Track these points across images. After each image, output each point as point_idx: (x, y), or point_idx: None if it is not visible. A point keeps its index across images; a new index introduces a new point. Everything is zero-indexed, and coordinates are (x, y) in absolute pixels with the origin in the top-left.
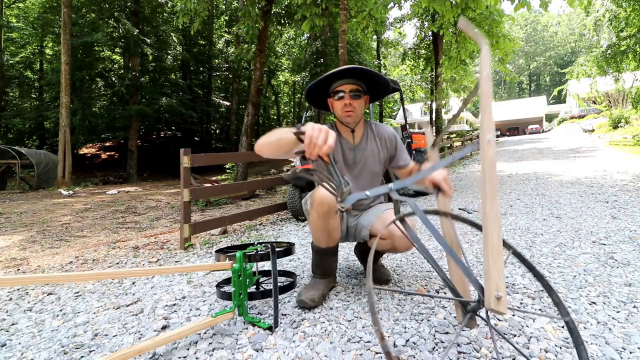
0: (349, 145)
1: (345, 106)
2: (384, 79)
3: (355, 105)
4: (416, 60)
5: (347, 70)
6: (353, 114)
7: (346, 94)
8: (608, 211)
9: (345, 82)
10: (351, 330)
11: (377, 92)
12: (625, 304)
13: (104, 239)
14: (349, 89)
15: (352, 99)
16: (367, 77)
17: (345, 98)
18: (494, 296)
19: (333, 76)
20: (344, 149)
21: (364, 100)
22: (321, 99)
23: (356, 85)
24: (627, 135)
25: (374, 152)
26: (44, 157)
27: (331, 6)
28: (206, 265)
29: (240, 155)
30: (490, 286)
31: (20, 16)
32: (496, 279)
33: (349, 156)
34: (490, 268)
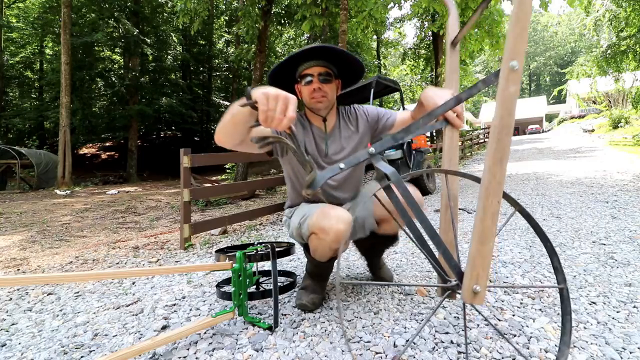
0: (322, 135)
1: (314, 91)
2: (356, 59)
3: (326, 90)
4: (416, 60)
5: (313, 50)
6: (324, 99)
7: (314, 78)
8: (608, 211)
9: (313, 65)
10: (351, 330)
11: (350, 76)
12: (625, 304)
13: (104, 239)
14: (318, 72)
15: (322, 83)
16: (338, 59)
17: (314, 82)
18: (472, 289)
19: (298, 58)
20: (316, 140)
21: (335, 84)
22: (288, 86)
23: (325, 67)
24: (627, 135)
25: (351, 138)
26: (44, 157)
27: (331, 6)
28: (206, 265)
29: (240, 155)
30: (470, 276)
31: (20, 16)
32: (479, 269)
33: (322, 147)
34: (475, 255)
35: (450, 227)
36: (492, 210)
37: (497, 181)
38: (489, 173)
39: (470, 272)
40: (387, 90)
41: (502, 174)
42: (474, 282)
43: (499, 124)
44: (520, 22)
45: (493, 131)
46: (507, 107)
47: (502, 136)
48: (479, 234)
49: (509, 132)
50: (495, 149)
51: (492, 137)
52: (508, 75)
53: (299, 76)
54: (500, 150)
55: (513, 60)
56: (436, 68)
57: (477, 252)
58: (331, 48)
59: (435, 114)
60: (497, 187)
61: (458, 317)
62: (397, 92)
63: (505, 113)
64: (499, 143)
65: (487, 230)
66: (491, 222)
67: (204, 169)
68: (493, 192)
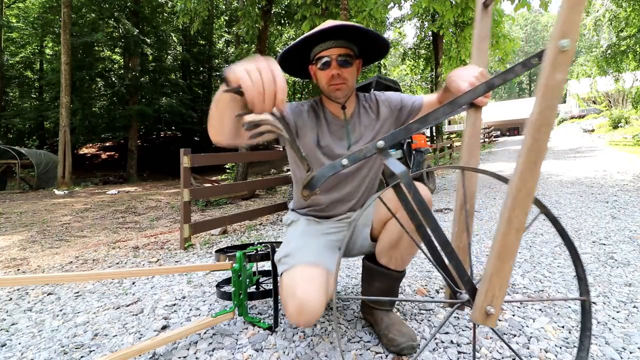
0: (340, 123)
1: (332, 77)
2: (380, 36)
3: (346, 75)
4: (416, 60)
5: (332, 30)
6: (344, 87)
7: (333, 61)
8: (608, 211)
9: (331, 46)
10: (351, 330)
11: (372, 54)
12: (625, 304)
13: (104, 239)
14: (337, 54)
15: (341, 67)
16: (358, 36)
17: (332, 67)
18: (484, 310)
19: (313, 38)
20: (331, 130)
21: (355, 67)
22: (300, 65)
23: (345, 48)
24: (627, 135)
25: (371, 125)
26: (44, 157)
27: (331, 6)
28: (206, 265)
29: (240, 155)
30: (484, 296)
31: (20, 16)
32: (495, 289)
33: (342, 135)
34: (492, 273)
35: (464, 230)
36: (518, 224)
37: (528, 190)
38: (519, 179)
39: (486, 291)
40: (387, 90)
41: (534, 181)
42: (488, 302)
43: (537, 119)
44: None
45: (529, 128)
46: (549, 99)
47: (540, 135)
48: (499, 249)
49: (548, 129)
50: (529, 149)
51: (528, 134)
52: (555, 57)
53: (314, 58)
54: (536, 151)
55: (564, 38)
56: (436, 68)
57: (496, 269)
58: (354, 27)
59: (459, 103)
60: (527, 196)
61: (458, 317)
62: (397, 92)
63: (546, 106)
64: (535, 143)
65: (509, 246)
66: (515, 238)
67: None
68: (521, 202)
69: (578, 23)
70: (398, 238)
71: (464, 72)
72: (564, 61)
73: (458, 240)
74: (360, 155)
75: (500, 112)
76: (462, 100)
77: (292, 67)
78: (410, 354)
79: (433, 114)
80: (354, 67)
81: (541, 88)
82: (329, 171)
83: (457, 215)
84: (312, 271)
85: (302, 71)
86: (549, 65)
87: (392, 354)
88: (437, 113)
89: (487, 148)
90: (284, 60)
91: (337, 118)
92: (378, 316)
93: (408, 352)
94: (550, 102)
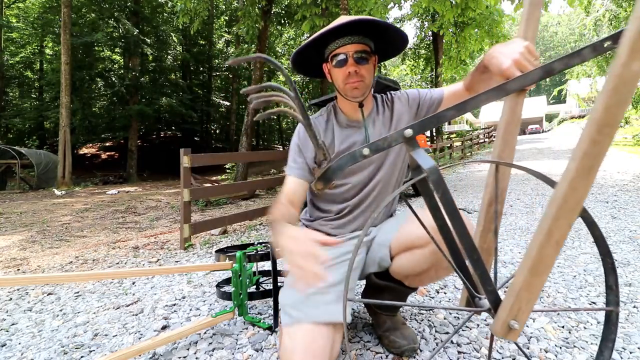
0: (357, 124)
1: (349, 76)
2: (399, 30)
3: (363, 72)
4: (416, 60)
5: (349, 26)
6: (361, 84)
7: (349, 58)
8: (608, 211)
9: (347, 42)
10: (351, 331)
11: (388, 49)
12: (625, 304)
13: (104, 239)
14: (353, 51)
15: (358, 64)
16: (375, 30)
17: (349, 64)
18: (507, 324)
19: (328, 34)
20: (348, 133)
21: (372, 63)
22: (313, 63)
23: (362, 44)
24: (627, 135)
25: (387, 124)
26: (44, 157)
27: (331, 6)
28: (206, 265)
29: (240, 155)
30: (509, 310)
31: (20, 16)
32: (522, 303)
33: (360, 136)
34: (521, 287)
35: (491, 229)
36: (559, 236)
37: (577, 199)
38: (569, 187)
39: (511, 305)
40: (387, 90)
41: (586, 190)
42: (512, 317)
43: (601, 118)
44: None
45: (589, 127)
46: (621, 93)
47: (601, 137)
48: (533, 263)
49: (612, 131)
50: (585, 154)
51: (586, 135)
52: (635, 43)
53: (329, 56)
54: (594, 156)
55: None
56: (436, 68)
57: (526, 284)
58: (373, 22)
59: (507, 90)
60: (575, 206)
61: (458, 317)
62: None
63: (616, 101)
64: (595, 146)
65: (546, 261)
66: (553, 251)
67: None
68: (568, 212)
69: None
70: (428, 268)
71: (506, 48)
72: (628, 82)
73: (482, 241)
74: (384, 144)
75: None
76: (511, 86)
77: (305, 65)
78: (410, 356)
79: (474, 100)
80: (371, 64)
81: (613, 79)
82: (348, 161)
83: (483, 213)
84: (316, 337)
85: (316, 69)
86: (627, 50)
87: (393, 354)
88: (477, 100)
89: (487, 148)
90: (298, 58)
91: (354, 120)
92: (381, 318)
93: (409, 354)
94: (622, 97)
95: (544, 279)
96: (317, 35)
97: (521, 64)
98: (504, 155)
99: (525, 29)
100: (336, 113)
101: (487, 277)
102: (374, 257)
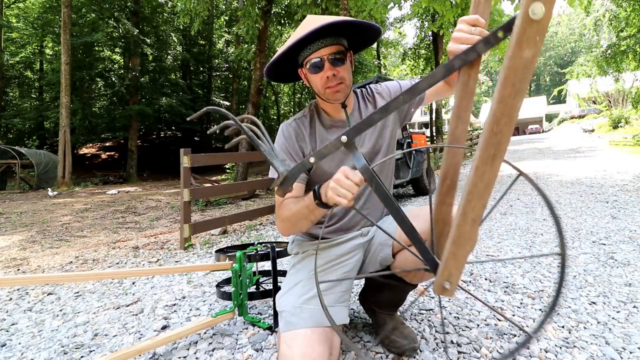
0: (341, 124)
1: (328, 80)
2: (369, 24)
3: (343, 73)
4: (416, 60)
5: (319, 30)
6: (342, 86)
7: (325, 62)
8: (608, 211)
9: (320, 46)
10: (351, 331)
11: (361, 41)
12: (625, 304)
13: (104, 239)
14: (328, 54)
15: (335, 67)
16: (347, 28)
17: (326, 68)
18: (442, 285)
19: (301, 41)
20: (329, 131)
21: (349, 60)
22: (287, 69)
23: (336, 45)
24: (627, 135)
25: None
26: (44, 157)
27: (331, 6)
28: (206, 265)
29: (240, 155)
30: (441, 274)
31: (20, 16)
32: (452, 269)
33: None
34: (447, 257)
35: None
36: (474, 216)
37: (485, 184)
38: (475, 174)
39: (443, 270)
40: None
41: (493, 175)
42: (446, 279)
43: (497, 109)
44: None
45: (489, 118)
46: (515, 83)
47: (499, 127)
48: (454, 237)
49: (510, 121)
50: (487, 143)
51: (487, 126)
52: (525, 28)
53: (303, 61)
54: (495, 145)
55: (536, 1)
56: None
57: (452, 254)
58: (344, 22)
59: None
60: (484, 190)
61: (458, 317)
62: None
63: (510, 92)
64: (494, 136)
65: (465, 235)
66: (471, 228)
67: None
68: (478, 195)
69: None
70: None
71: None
72: (535, 33)
73: (438, 212)
74: (326, 151)
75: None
76: (455, 63)
77: (282, 73)
78: (411, 355)
79: (424, 81)
80: (348, 62)
81: (504, 70)
82: (300, 170)
83: (439, 187)
84: (314, 344)
85: (291, 75)
86: (516, 38)
87: (393, 354)
88: (427, 81)
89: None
90: (273, 69)
91: (337, 120)
92: (381, 318)
93: (410, 353)
94: (515, 88)
95: (468, 250)
96: (291, 44)
97: (460, 39)
98: (458, 131)
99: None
100: (319, 114)
101: (425, 249)
102: (375, 256)
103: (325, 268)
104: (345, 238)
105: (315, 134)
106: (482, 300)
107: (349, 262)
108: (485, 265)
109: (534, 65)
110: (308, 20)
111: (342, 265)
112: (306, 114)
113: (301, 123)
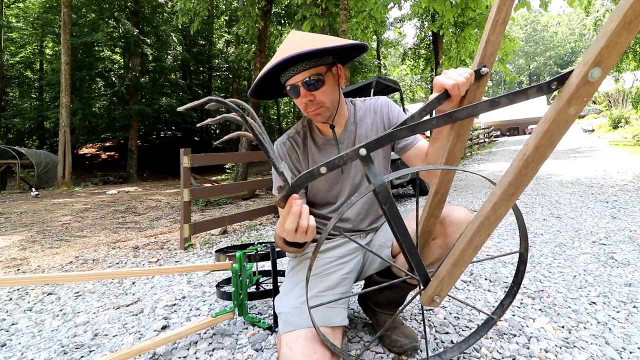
0: (329, 140)
1: (307, 105)
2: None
3: (321, 97)
4: (416, 60)
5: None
6: (322, 110)
7: (300, 88)
8: (608, 211)
9: (293, 73)
10: (351, 331)
11: (350, 49)
12: (625, 304)
13: (104, 239)
14: (302, 80)
15: (312, 92)
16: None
17: (302, 95)
18: (432, 298)
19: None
20: (326, 153)
21: (332, 78)
22: (275, 87)
23: (311, 69)
24: (627, 135)
25: (364, 136)
26: (44, 157)
27: (331, 6)
28: (206, 266)
29: (240, 155)
30: (433, 289)
31: (20, 16)
32: (444, 285)
33: (332, 155)
34: (444, 275)
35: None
36: (479, 242)
37: (497, 218)
38: (493, 208)
39: (436, 286)
40: (387, 90)
41: (505, 212)
42: (436, 293)
43: (530, 155)
44: (626, 17)
45: (518, 160)
46: (552, 134)
47: (527, 171)
48: (456, 259)
49: (537, 167)
50: (511, 184)
51: (514, 167)
52: (579, 88)
53: (284, 85)
54: (516, 185)
55: (597, 66)
56: (436, 68)
57: (449, 273)
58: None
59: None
60: (495, 222)
61: (458, 317)
62: (397, 92)
63: (545, 142)
64: (519, 178)
65: (466, 258)
66: (472, 253)
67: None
68: (488, 227)
69: (622, 50)
70: (432, 263)
71: (450, 71)
72: (586, 94)
73: (425, 224)
74: (340, 162)
75: (500, 112)
76: (460, 114)
77: (269, 91)
78: (412, 355)
79: (425, 123)
80: (329, 83)
81: (547, 121)
82: (307, 179)
83: (429, 201)
84: (314, 345)
85: (277, 93)
86: (568, 95)
87: (394, 354)
88: (428, 124)
89: (487, 148)
90: (257, 91)
91: (330, 138)
92: (381, 318)
93: (411, 352)
94: (553, 139)
95: (463, 270)
96: (264, 72)
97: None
98: (455, 149)
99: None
100: (312, 130)
101: (421, 265)
102: (375, 258)
103: (325, 269)
104: (345, 239)
105: (308, 153)
106: (452, 296)
107: (348, 264)
108: (485, 266)
109: (574, 122)
110: (288, 40)
111: (342, 267)
112: (299, 131)
113: (294, 142)
